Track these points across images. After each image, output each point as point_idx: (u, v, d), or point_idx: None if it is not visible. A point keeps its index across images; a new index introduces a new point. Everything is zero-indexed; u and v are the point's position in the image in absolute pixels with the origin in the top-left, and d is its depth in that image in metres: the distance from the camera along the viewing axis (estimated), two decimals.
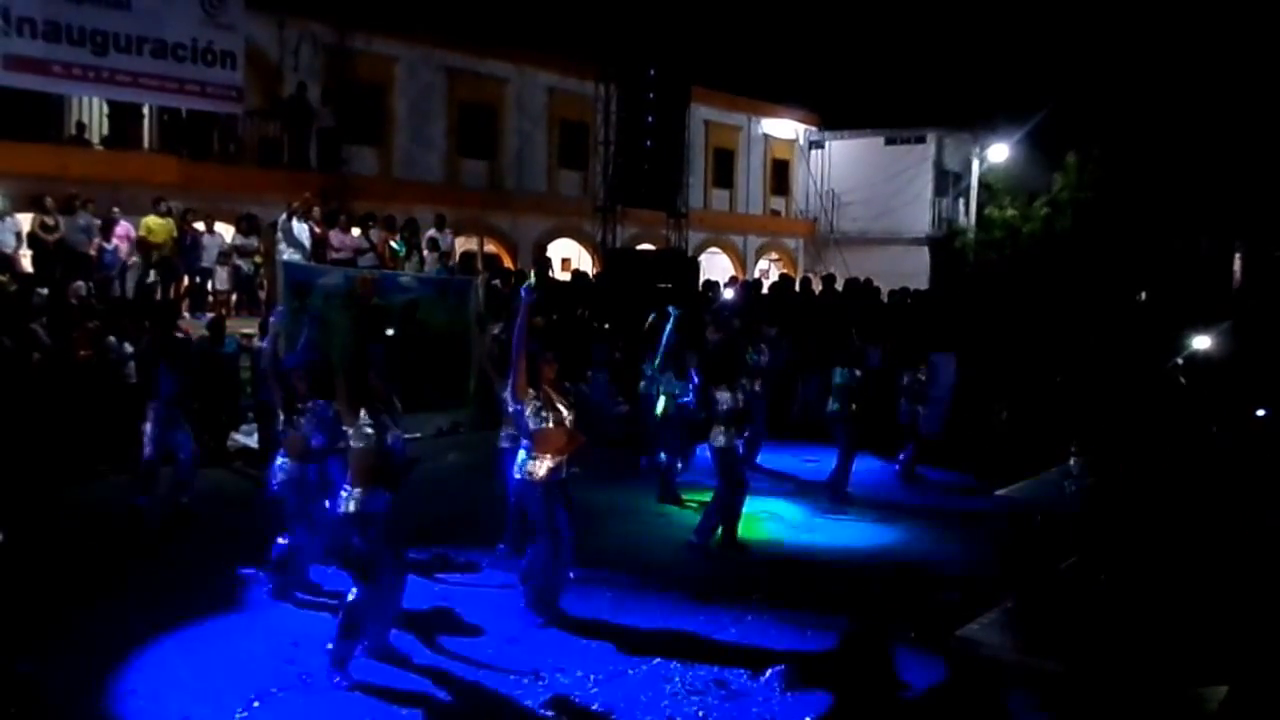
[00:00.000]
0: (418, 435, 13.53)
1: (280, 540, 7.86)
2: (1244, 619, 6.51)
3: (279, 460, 7.95)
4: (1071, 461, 8.80)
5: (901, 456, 12.95)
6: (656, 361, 11.44)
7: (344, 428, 6.73)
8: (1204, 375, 10.86)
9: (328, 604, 7.49)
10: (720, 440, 9.63)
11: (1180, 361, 11.37)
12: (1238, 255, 29.04)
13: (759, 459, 13.30)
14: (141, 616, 7.38)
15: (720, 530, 9.74)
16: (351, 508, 6.49)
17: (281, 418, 8.00)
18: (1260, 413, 8.87)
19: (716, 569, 9.17)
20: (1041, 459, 9.42)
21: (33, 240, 15.45)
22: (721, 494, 9.71)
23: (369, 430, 6.55)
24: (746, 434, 10.70)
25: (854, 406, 11.63)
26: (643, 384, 12.70)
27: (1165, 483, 8.15)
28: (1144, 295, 22.00)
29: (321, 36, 21.34)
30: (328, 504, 7.49)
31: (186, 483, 10.36)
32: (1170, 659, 6.18)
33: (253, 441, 13.06)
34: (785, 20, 32.67)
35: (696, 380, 11.30)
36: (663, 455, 11.71)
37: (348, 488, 6.57)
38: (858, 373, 11.73)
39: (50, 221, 15.39)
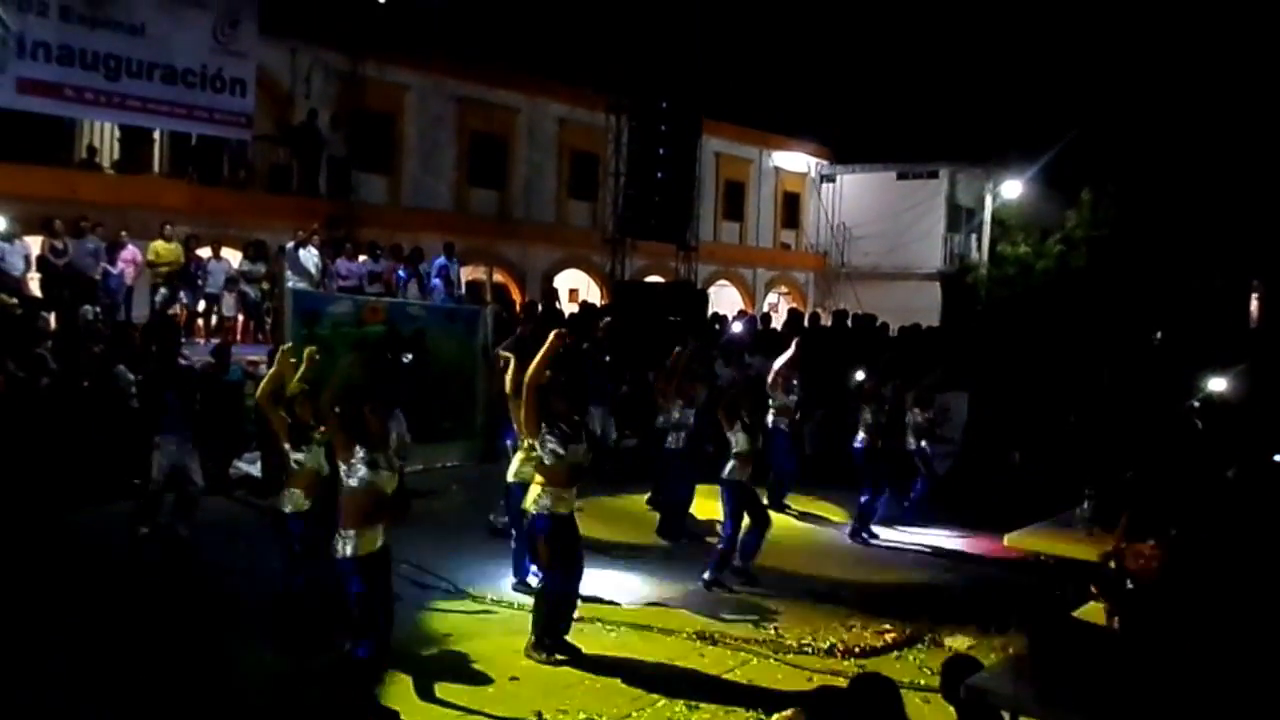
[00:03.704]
0: (420, 467, 13.38)
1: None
2: (1264, 665, 6.31)
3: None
4: (1085, 504, 8.63)
5: (913, 495, 12.75)
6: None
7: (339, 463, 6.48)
8: (1221, 418, 10.67)
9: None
10: (734, 475, 9.50)
11: (1196, 404, 11.19)
12: (1255, 295, 28.86)
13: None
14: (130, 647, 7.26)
15: (736, 563, 9.60)
16: (348, 551, 6.31)
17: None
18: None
19: (723, 606, 9.00)
20: (1054, 501, 9.25)
21: (42, 264, 15.41)
22: (730, 530, 9.58)
23: (363, 470, 6.32)
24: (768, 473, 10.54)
25: (879, 444, 11.50)
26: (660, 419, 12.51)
27: (1182, 526, 7.95)
28: (1159, 335, 21.79)
29: (333, 64, 21.36)
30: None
31: (189, 515, 10.24)
32: (1190, 707, 5.97)
33: (255, 470, 12.90)
34: (798, 53, 32.73)
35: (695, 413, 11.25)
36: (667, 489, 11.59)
37: (342, 530, 6.37)
38: (885, 409, 11.60)
39: (59, 245, 15.35)
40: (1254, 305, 28.99)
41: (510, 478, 9.04)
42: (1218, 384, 11.63)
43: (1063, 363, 15.99)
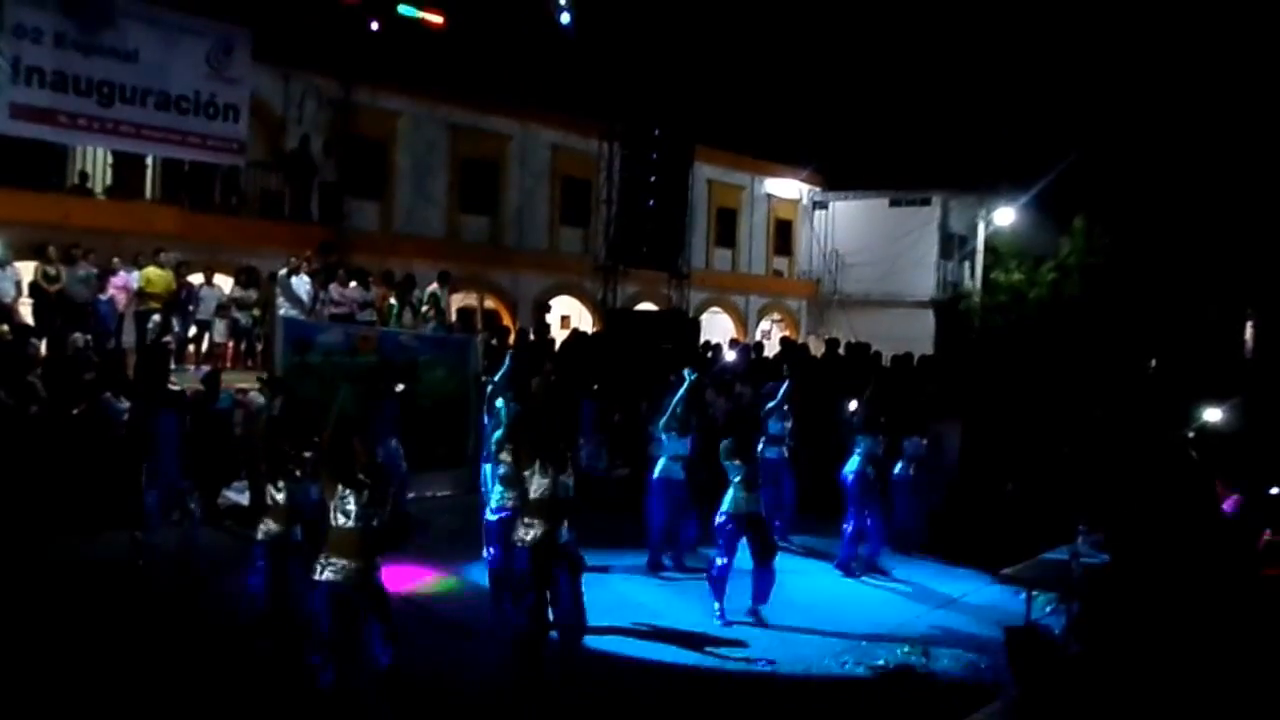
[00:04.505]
0: (412, 495, 13.29)
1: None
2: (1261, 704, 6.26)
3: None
4: (1079, 539, 8.56)
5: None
6: (660, 421, 11.20)
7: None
8: (1216, 449, 10.61)
9: None
10: (739, 507, 9.44)
11: (1191, 434, 11.13)
12: (1249, 324, 28.81)
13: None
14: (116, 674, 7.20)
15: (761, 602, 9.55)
16: (324, 577, 6.23)
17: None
18: (1275, 490, 8.62)
19: (717, 641, 8.92)
20: (1048, 535, 9.20)
21: (34, 290, 15.33)
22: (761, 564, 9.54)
23: (349, 508, 6.23)
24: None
25: (872, 474, 11.42)
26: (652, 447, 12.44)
27: (1178, 563, 7.90)
28: (1154, 363, 21.73)
29: (326, 90, 21.38)
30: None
31: (190, 545, 10.18)
32: None
33: (244, 499, 12.81)
34: (790, 80, 32.80)
35: (694, 444, 11.16)
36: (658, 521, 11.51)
37: (323, 558, 6.29)
38: (880, 439, 11.53)
39: (52, 271, 15.29)
40: (1248, 334, 28.94)
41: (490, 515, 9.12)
42: (1213, 414, 11.58)
43: (1057, 392, 15.92)
